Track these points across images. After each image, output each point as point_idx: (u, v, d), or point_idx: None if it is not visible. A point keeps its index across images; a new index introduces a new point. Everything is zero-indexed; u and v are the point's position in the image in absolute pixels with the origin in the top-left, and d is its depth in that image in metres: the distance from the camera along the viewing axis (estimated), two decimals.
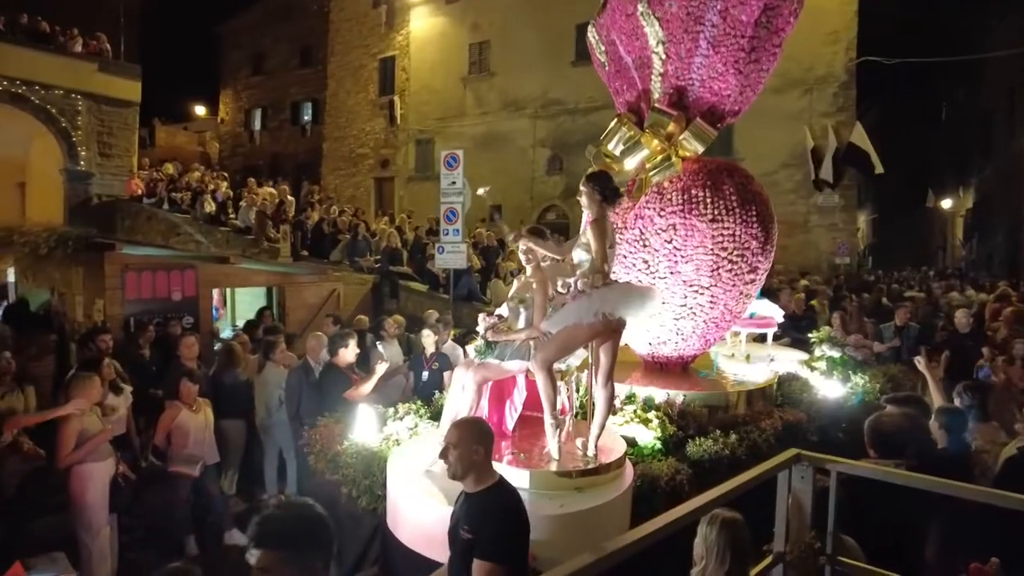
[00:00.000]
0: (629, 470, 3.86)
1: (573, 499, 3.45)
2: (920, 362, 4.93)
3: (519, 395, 4.07)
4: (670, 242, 5.00)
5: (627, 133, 5.22)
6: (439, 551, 3.05)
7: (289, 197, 15.87)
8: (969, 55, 20.48)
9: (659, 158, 5.12)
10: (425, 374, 6.48)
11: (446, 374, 6.18)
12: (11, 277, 11.13)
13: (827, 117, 16.00)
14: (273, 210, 14.29)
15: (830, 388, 6.01)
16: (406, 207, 20.62)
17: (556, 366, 3.77)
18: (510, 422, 4.09)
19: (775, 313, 7.05)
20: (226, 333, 8.45)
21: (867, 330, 8.10)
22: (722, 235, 4.93)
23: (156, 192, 16.71)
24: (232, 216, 15.32)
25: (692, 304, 5.16)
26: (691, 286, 5.08)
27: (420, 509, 3.48)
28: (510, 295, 4.03)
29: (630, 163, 5.26)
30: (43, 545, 4.52)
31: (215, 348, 7.59)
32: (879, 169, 15.23)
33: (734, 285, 5.12)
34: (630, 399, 4.90)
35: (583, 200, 3.77)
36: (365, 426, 4.48)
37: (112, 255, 8.48)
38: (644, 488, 3.86)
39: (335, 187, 23.82)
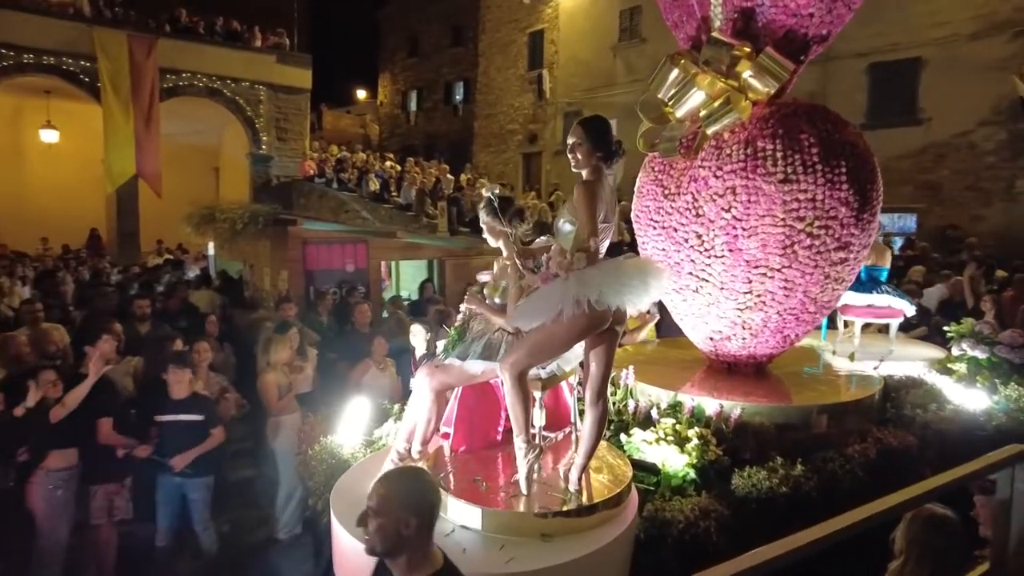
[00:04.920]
0: (631, 511, 2.85)
1: (532, 551, 2.50)
2: None
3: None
4: (728, 210, 3.91)
5: (678, 74, 4.07)
6: None
7: (448, 176, 16.54)
8: None
9: (716, 103, 3.97)
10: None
11: None
12: (211, 250, 12.62)
13: None
14: (431, 188, 14.99)
15: (971, 400, 4.56)
16: (552, 181, 20.66)
17: (535, 372, 2.82)
18: (503, 430, 3.26)
19: (902, 304, 5.66)
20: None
21: None
22: (797, 200, 3.79)
23: (325, 172, 18.18)
24: (395, 194, 16.30)
25: (760, 291, 4.04)
26: (756, 267, 3.97)
27: (356, 550, 2.37)
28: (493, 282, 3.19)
29: (681, 110, 4.17)
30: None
31: (383, 316, 8.11)
32: None
33: (816, 266, 3.93)
34: (673, 409, 3.90)
35: (575, 154, 2.77)
36: (352, 423, 3.72)
37: (294, 230, 9.31)
38: (653, 535, 2.94)
39: (485, 164, 24.40)
